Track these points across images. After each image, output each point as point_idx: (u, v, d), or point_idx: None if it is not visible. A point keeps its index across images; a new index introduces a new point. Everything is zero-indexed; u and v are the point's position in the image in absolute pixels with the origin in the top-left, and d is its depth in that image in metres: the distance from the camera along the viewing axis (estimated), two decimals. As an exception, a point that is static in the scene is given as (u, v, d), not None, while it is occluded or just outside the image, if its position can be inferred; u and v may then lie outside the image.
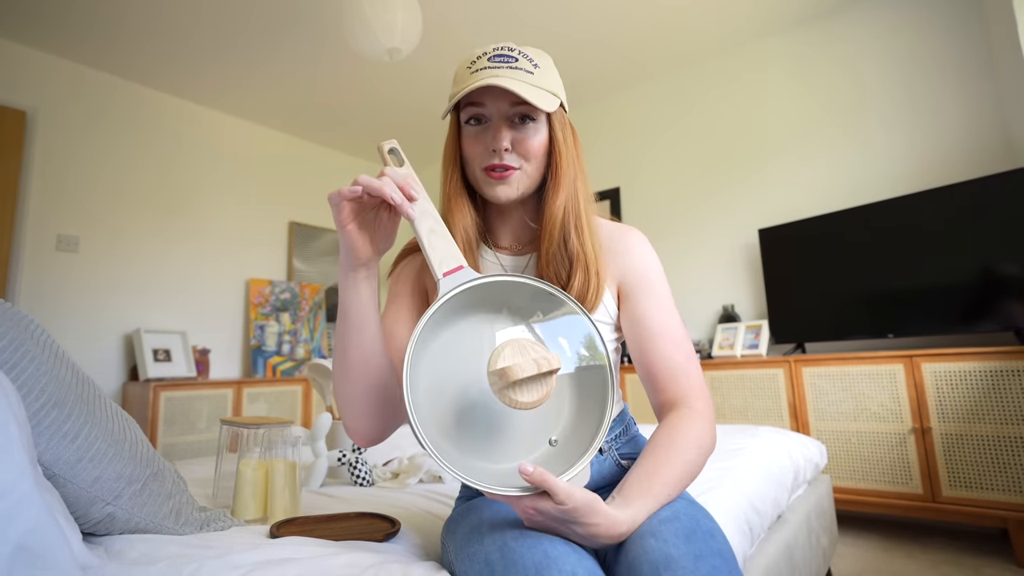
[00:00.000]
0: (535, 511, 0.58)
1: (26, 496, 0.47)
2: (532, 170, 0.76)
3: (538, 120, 0.75)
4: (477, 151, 0.76)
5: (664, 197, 3.28)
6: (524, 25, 2.77)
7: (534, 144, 0.75)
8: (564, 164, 0.77)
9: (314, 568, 0.65)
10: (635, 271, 0.80)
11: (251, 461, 1.00)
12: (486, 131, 0.75)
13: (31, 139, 2.83)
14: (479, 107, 0.75)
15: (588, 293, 0.75)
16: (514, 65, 0.72)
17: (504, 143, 0.73)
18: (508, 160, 0.74)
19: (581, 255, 0.76)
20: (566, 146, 0.77)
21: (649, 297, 0.79)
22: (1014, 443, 1.88)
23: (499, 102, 0.74)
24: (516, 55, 0.74)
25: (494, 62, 0.72)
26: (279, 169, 3.89)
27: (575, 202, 0.77)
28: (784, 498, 1.33)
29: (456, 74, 0.77)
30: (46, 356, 0.71)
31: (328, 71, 3.15)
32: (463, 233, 0.78)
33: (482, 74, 0.71)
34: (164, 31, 2.74)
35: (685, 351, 0.77)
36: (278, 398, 3.27)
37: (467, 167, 0.79)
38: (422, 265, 0.85)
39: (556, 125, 0.77)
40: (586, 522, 0.58)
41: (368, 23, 2.01)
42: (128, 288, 3.08)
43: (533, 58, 0.75)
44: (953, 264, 2.16)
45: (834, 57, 2.74)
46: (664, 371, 0.76)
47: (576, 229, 0.76)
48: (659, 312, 0.78)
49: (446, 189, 0.79)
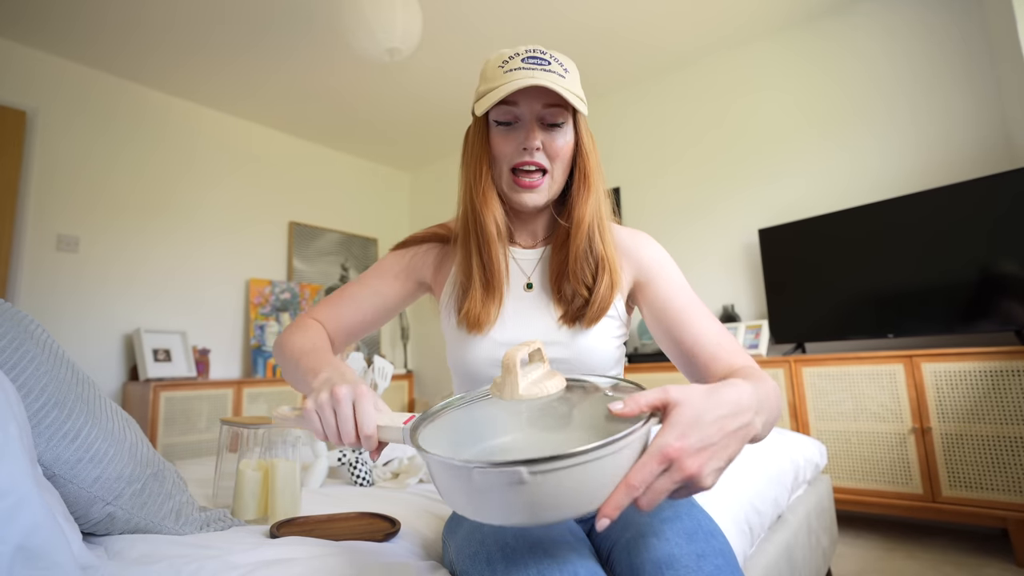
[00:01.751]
0: (657, 459, 0.46)
1: (26, 496, 0.47)
2: (558, 173, 0.79)
3: (566, 123, 0.77)
4: (508, 150, 0.77)
5: (664, 197, 3.28)
6: (524, 25, 2.77)
7: (562, 146, 0.77)
8: (592, 167, 0.80)
9: (314, 568, 0.65)
10: (651, 264, 0.82)
11: (251, 461, 1.00)
12: (517, 130, 0.77)
13: (31, 139, 2.83)
14: (512, 106, 0.76)
15: (612, 294, 0.78)
16: (547, 68, 0.73)
17: (536, 142, 0.75)
18: (538, 158, 0.76)
19: (605, 258, 0.79)
20: (591, 150, 0.80)
21: (669, 283, 0.80)
22: (1014, 443, 1.88)
23: (533, 102, 0.75)
24: (548, 58, 0.75)
25: (528, 63, 0.73)
26: (279, 169, 3.89)
27: (599, 207, 0.80)
28: (784, 498, 1.33)
29: (485, 72, 0.77)
30: (46, 356, 0.71)
31: (328, 71, 3.15)
32: (495, 228, 0.79)
33: (518, 74, 0.72)
34: (164, 31, 2.74)
35: (717, 326, 0.75)
36: (278, 398, 3.27)
37: (494, 165, 0.80)
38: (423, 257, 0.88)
39: (582, 129, 0.79)
40: (722, 413, 0.48)
41: (368, 23, 2.01)
42: (128, 288, 3.08)
43: (563, 63, 0.76)
44: (953, 264, 2.16)
45: (834, 57, 2.74)
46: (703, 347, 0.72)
47: (600, 232, 0.79)
48: (681, 292, 0.79)
49: (477, 187, 0.79)
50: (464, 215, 0.82)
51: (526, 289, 0.83)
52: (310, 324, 0.84)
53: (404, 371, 4.22)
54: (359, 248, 4.33)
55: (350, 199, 4.34)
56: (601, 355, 0.80)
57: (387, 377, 1.25)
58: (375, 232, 4.49)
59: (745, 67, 3.02)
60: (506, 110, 0.76)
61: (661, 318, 0.79)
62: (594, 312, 0.78)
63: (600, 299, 0.77)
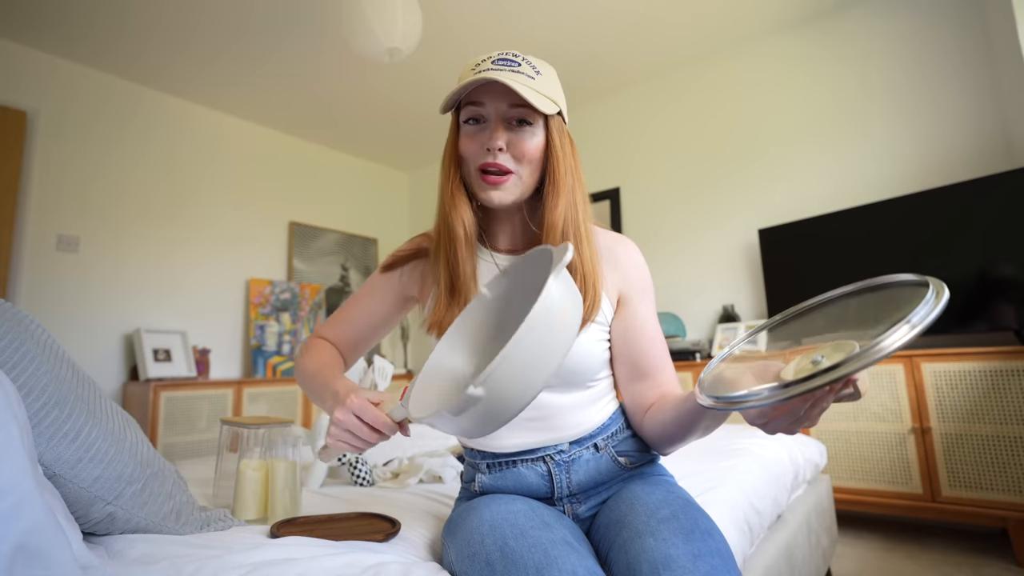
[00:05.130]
0: None
1: (26, 496, 0.47)
2: (526, 175, 0.77)
3: (535, 124, 0.76)
4: (473, 150, 0.77)
5: (664, 197, 3.28)
6: (524, 25, 2.77)
7: (529, 147, 0.76)
8: (561, 171, 0.77)
9: (314, 568, 0.65)
10: (637, 283, 0.84)
11: (251, 461, 1.00)
12: (483, 130, 0.77)
13: (31, 139, 2.83)
14: (478, 106, 0.76)
15: (586, 303, 0.76)
16: (516, 69, 0.74)
17: (499, 142, 0.74)
18: (502, 160, 0.75)
19: (579, 267, 0.77)
20: (563, 153, 0.78)
21: (648, 306, 0.85)
22: (1014, 443, 1.88)
23: (498, 102, 0.75)
24: (519, 61, 0.75)
25: (497, 65, 0.74)
26: (279, 169, 3.89)
27: (574, 212, 0.78)
28: (784, 498, 1.33)
29: (460, 76, 0.78)
30: (46, 356, 0.71)
31: (329, 71, 3.15)
32: (463, 230, 0.79)
33: (484, 75, 0.72)
34: (164, 31, 2.74)
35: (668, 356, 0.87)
36: (278, 398, 3.28)
37: (463, 166, 0.80)
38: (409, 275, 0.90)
39: (554, 132, 0.78)
40: None
41: (368, 23, 2.01)
42: (128, 288, 3.08)
43: (536, 65, 0.76)
44: (953, 264, 2.16)
45: (834, 58, 2.74)
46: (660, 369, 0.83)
47: (575, 239, 0.77)
48: (653, 318, 0.85)
49: (446, 188, 0.80)
50: (437, 218, 0.83)
51: None
52: (314, 345, 0.92)
53: (404, 371, 4.23)
54: (359, 248, 4.33)
55: (350, 199, 4.34)
56: (586, 358, 0.79)
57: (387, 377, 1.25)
58: (375, 232, 4.49)
59: (746, 67, 3.02)
60: (472, 110, 0.77)
61: (632, 334, 0.83)
62: None
63: None
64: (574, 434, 0.80)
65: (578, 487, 0.80)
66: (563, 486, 0.79)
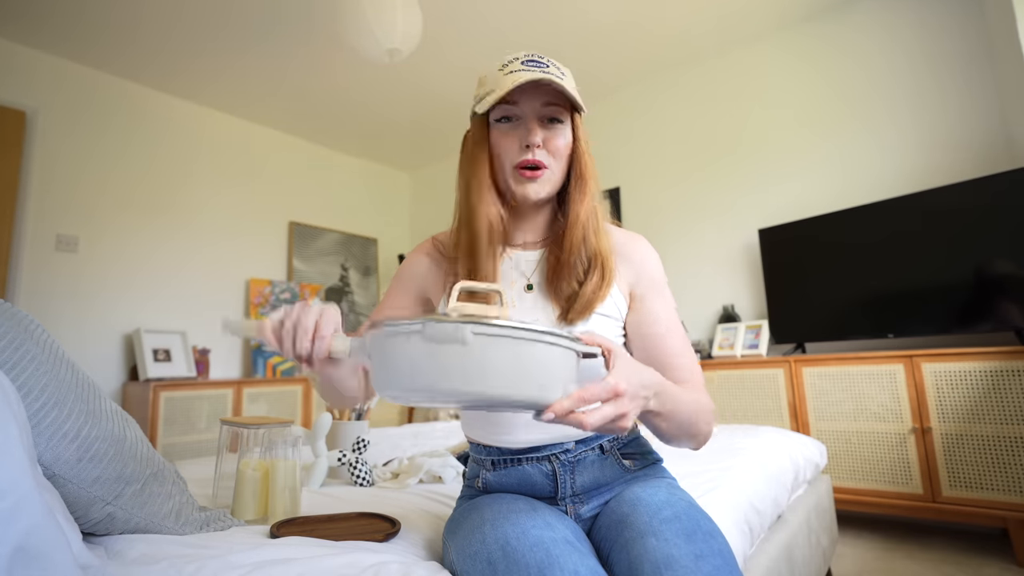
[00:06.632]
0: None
1: (26, 496, 0.47)
2: (557, 170, 0.81)
3: (565, 123, 0.80)
4: (510, 147, 0.79)
5: (664, 197, 3.28)
6: (524, 25, 2.77)
7: (561, 144, 0.80)
8: (588, 168, 0.82)
9: (314, 568, 0.65)
10: (649, 278, 0.85)
11: (251, 461, 1.00)
12: (517, 128, 0.79)
13: (31, 139, 2.83)
14: (512, 106, 0.78)
15: (603, 289, 0.80)
16: (546, 70, 0.76)
17: (537, 138, 0.77)
18: (539, 156, 0.78)
19: (599, 255, 0.80)
20: (588, 152, 0.82)
21: (661, 300, 0.84)
22: (1014, 443, 1.88)
23: (532, 101, 0.78)
24: (547, 62, 0.78)
25: (527, 65, 0.76)
26: (279, 169, 3.89)
27: (594, 207, 0.82)
28: (784, 498, 1.33)
29: (483, 79, 0.80)
30: (46, 356, 0.71)
31: (328, 71, 3.15)
32: (486, 225, 0.80)
33: (519, 75, 0.74)
34: (164, 31, 2.74)
35: (691, 353, 0.83)
36: (278, 398, 3.27)
37: (496, 164, 0.81)
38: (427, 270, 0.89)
39: (579, 129, 0.82)
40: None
41: (368, 23, 2.01)
42: (128, 288, 3.08)
43: (560, 67, 0.79)
44: (953, 264, 2.16)
45: (834, 58, 2.74)
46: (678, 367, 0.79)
47: (595, 231, 0.81)
48: (667, 313, 0.84)
49: (476, 185, 0.81)
50: (459, 219, 0.83)
51: (527, 290, 0.83)
52: None
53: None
54: (359, 248, 4.33)
55: (350, 199, 4.34)
56: None
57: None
58: (375, 232, 4.49)
59: (745, 67, 3.02)
60: (507, 108, 0.79)
61: (646, 329, 0.82)
62: (581, 305, 0.78)
63: (588, 292, 0.78)
64: (581, 433, 0.80)
65: (582, 488, 0.80)
66: (567, 486, 0.79)
